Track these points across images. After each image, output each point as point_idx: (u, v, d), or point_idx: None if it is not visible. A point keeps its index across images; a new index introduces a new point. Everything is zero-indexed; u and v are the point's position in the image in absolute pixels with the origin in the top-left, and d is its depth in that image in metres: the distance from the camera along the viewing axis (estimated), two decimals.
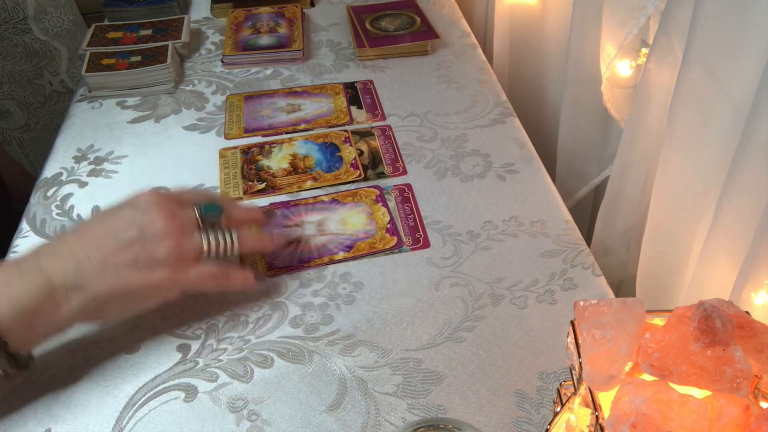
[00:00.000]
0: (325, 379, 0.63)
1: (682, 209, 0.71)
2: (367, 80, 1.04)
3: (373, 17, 1.15)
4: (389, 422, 0.59)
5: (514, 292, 0.70)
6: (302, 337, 0.66)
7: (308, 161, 0.88)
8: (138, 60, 1.02)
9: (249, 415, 0.60)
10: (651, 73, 0.74)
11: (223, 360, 0.65)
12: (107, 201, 0.84)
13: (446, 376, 0.62)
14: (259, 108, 0.99)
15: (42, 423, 0.60)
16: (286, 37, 1.12)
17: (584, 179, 1.06)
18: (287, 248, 0.76)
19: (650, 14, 0.80)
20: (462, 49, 1.10)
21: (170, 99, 1.01)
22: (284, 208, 0.81)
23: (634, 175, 0.84)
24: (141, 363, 0.65)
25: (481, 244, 0.75)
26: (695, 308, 0.40)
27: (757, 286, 0.55)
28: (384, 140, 0.91)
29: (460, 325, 0.67)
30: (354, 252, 0.75)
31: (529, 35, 1.18)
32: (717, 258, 0.63)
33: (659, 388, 0.39)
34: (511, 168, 0.85)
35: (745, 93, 0.59)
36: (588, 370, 0.41)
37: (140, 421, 0.60)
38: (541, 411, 0.59)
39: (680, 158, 0.69)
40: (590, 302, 0.43)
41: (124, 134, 0.95)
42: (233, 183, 0.85)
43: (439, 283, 0.71)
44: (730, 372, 0.38)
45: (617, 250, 0.93)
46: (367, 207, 0.81)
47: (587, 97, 0.96)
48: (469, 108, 0.96)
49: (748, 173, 0.55)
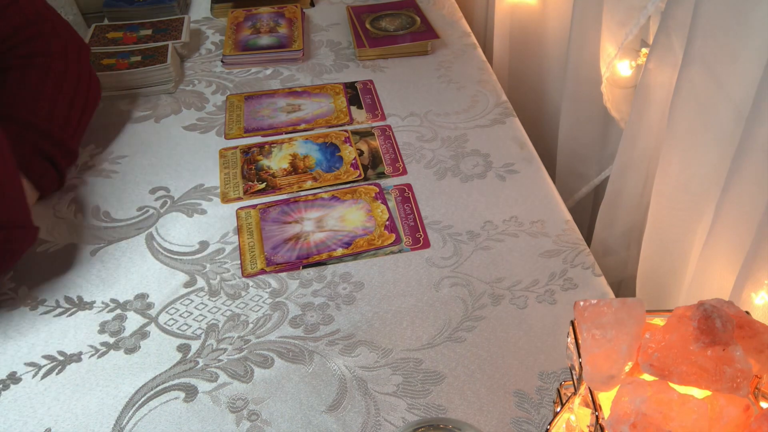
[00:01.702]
0: (325, 379, 0.63)
1: (682, 209, 0.71)
2: (367, 80, 1.04)
3: (373, 17, 1.15)
4: (389, 422, 0.59)
5: (514, 292, 0.70)
6: (302, 337, 0.66)
7: (308, 161, 0.88)
8: (138, 60, 1.02)
9: (249, 415, 0.60)
10: (651, 73, 0.74)
11: (223, 360, 0.65)
12: (107, 201, 0.84)
13: (446, 376, 0.62)
14: (259, 108, 0.99)
15: (42, 423, 0.60)
16: (286, 37, 1.12)
17: (584, 179, 1.06)
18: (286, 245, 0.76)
19: (650, 14, 0.80)
20: (462, 49, 1.10)
21: (170, 99, 1.01)
22: (284, 205, 0.81)
23: (634, 175, 0.84)
24: (141, 363, 0.65)
25: (481, 244, 0.75)
26: (695, 308, 0.40)
27: (757, 286, 0.55)
28: (384, 140, 0.91)
29: (460, 325, 0.67)
30: (353, 248, 0.75)
31: (529, 35, 1.18)
32: (717, 258, 0.63)
33: (659, 388, 0.39)
34: (511, 168, 0.85)
35: (745, 93, 0.59)
36: (588, 370, 0.41)
37: (140, 421, 0.60)
38: (541, 411, 0.59)
39: (680, 158, 0.69)
40: (590, 302, 0.43)
41: (124, 134, 0.95)
42: (233, 183, 0.85)
43: (439, 283, 0.71)
44: (730, 372, 0.38)
45: (617, 250, 0.93)
46: (366, 204, 0.81)
47: (587, 97, 0.96)
48: (469, 108, 0.96)
49: (748, 173, 0.55)
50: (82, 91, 0.88)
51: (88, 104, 0.89)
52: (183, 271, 0.74)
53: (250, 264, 0.74)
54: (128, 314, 0.70)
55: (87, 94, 0.89)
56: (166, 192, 0.84)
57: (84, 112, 0.88)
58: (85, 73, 0.89)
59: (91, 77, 0.91)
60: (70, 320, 0.70)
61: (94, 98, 0.91)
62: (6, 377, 0.64)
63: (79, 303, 0.71)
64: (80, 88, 0.88)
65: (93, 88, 0.91)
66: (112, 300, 0.71)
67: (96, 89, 0.92)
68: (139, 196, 0.84)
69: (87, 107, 0.89)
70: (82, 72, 0.89)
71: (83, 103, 0.88)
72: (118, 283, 0.73)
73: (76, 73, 0.87)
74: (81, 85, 0.88)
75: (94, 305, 0.71)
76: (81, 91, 0.88)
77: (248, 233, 0.78)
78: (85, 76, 0.89)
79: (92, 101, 0.90)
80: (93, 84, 0.91)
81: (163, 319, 0.69)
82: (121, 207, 0.83)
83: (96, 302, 0.71)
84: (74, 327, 0.69)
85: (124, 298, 0.72)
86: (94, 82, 0.91)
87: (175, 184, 0.86)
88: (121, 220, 0.81)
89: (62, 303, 0.71)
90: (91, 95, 0.90)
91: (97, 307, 0.71)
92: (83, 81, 0.88)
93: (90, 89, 0.90)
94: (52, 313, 0.70)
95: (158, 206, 0.82)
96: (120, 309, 0.70)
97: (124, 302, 0.71)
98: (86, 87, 0.89)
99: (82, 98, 0.88)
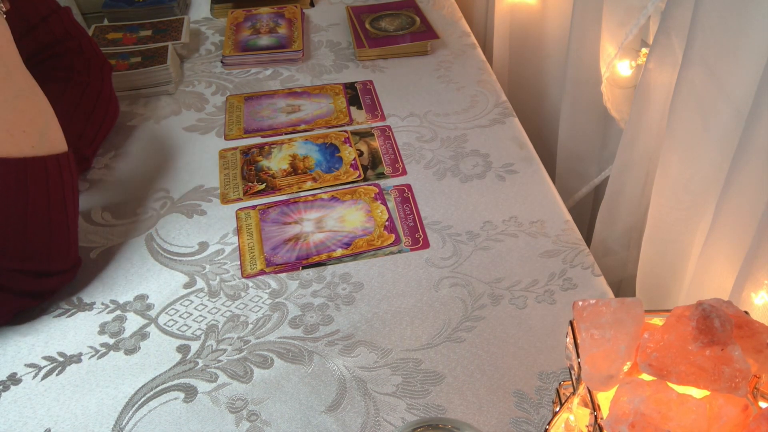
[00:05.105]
0: (324, 379, 0.63)
1: (681, 209, 0.71)
2: (367, 80, 1.04)
3: (373, 17, 1.15)
4: (389, 422, 0.59)
5: (514, 293, 0.70)
6: (302, 338, 0.66)
7: (308, 162, 0.88)
8: (138, 61, 1.03)
9: (249, 415, 0.60)
10: (651, 73, 0.74)
11: (222, 360, 0.65)
12: (107, 202, 0.84)
13: (446, 376, 0.62)
14: (258, 109, 0.99)
15: (42, 423, 0.61)
16: (285, 38, 1.12)
17: (584, 179, 1.06)
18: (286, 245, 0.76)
19: (650, 14, 0.80)
20: (462, 49, 1.10)
21: (170, 100, 1.01)
22: (283, 206, 0.81)
23: (634, 175, 0.84)
24: (141, 363, 0.65)
25: (480, 244, 0.75)
26: (694, 308, 0.40)
27: (757, 286, 0.55)
28: (384, 140, 0.91)
29: (460, 325, 0.67)
30: (352, 249, 0.75)
31: (529, 35, 1.18)
32: (717, 258, 0.63)
33: (658, 387, 0.39)
34: (510, 168, 0.85)
35: (745, 93, 0.59)
36: (587, 370, 0.41)
37: (140, 421, 0.60)
38: (541, 411, 0.59)
39: (680, 158, 0.69)
40: (589, 302, 0.43)
41: (124, 134, 0.95)
42: (233, 184, 0.85)
43: (439, 283, 0.71)
44: (728, 372, 0.38)
45: (617, 250, 0.93)
46: (365, 204, 0.81)
47: (587, 97, 0.96)
48: (468, 108, 0.96)
49: (748, 173, 0.55)
50: (101, 107, 0.89)
51: (106, 121, 0.90)
52: (183, 272, 0.74)
53: (249, 265, 0.74)
54: (128, 315, 0.70)
55: (106, 111, 0.90)
56: (166, 193, 0.84)
57: (101, 127, 0.89)
58: (106, 90, 0.91)
59: (111, 95, 0.92)
60: (70, 321, 0.70)
61: (112, 116, 0.92)
62: (6, 378, 0.65)
63: (78, 304, 0.71)
64: (99, 105, 0.89)
65: (112, 106, 0.92)
66: (111, 301, 0.71)
67: (115, 107, 0.93)
68: (138, 198, 0.84)
69: (105, 123, 0.90)
70: (104, 89, 0.90)
71: (101, 119, 0.88)
72: (118, 284, 0.73)
73: (96, 90, 0.88)
74: (101, 102, 0.89)
75: (94, 306, 0.71)
76: (100, 107, 0.89)
77: (248, 234, 0.78)
78: (106, 94, 0.90)
79: (110, 118, 0.92)
80: (112, 102, 0.92)
81: (162, 319, 0.69)
82: (120, 208, 0.83)
83: (96, 303, 0.71)
84: (74, 328, 0.69)
85: (124, 299, 0.72)
86: (114, 100, 0.93)
87: (175, 185, 0.86)
88: (120, 221, 0.81)
89: (62, 304, 0.71)
90: (110, 112, 0.91)
91: (96, 308, 0.71)
92: (103, 98, 0.89)
93: (109, 107, 0.91)
94: (52, 314, 0.70)
95: (158, 207, 0.82)
96: (120, 310, 0.70)
97: (123, 303, 0.71)
98: (106, 104, 0.90)
99: (101, 114, 0.89)
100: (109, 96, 0.91)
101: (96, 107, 0.88)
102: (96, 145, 0.89)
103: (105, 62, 0.92)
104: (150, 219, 0.81)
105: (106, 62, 0.92)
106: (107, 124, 0.90)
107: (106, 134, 0.91)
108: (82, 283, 0.73)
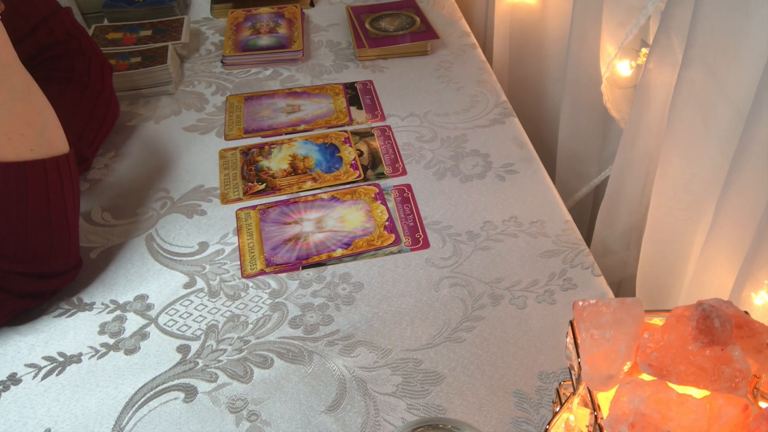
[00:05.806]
0: (324, 379, 0.63)
1: (682, 209, 0.71)
2: (367, 80, 1.04)
3: (373, 17, 1.15)
4: (389, 422, 0.59)
5: (514, 293, 0.70)
6: (302, 338, 0.66)
7: (308, 162, 0.88)
8: (138, 61, 1.03)
9: (249, 415, 0.60)
10: (651, 73, 0.74)
11: (222, 360, 0.65)
12: (107, 202, 0.84)
13: (445, 376, 0.62)
14: (258, 109, 0.99)
15: (42, 423, 0.61)
16: (285, 38, 1.12)
17: (584, 179, 1.06)
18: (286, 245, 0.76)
19: (650, 14, 0.80)
20: (462, 49, 1.10)
21: (170, 100, 1.01)
22: (283, 206, 0.81)
23: (634, 175, 0.84)
24: (141, 363, 0.65)
25: (480, 244, 0.75)
26: (694, 308, 0.40)
27: (757, 286, 0.55)
28: (384, 141, 0.91)
29: (460, 325, 0.67)
30: (352, 249, 0.75)
31: (529, 35, 1.18)
32: (717, 258, 0.63)
33: (658, 387, 0.39)
34: (510, 168, 0.85)
35: (745, 93, 0.59)
36: (587, 370, 0.41)
37: (140, 421, 0.60)
38: (541, 411, 0.59)
39: (680, 158, 0.69)
40: (589, 302, 0.43)
41: (124, 134, 0.95)
42: (233, 184, 0.85)
43: (439, 283, 0.71)
44: (728, 372, 0.38)
45: (617, 250, 0.93)
46: (365, 204, 0.81)
47: (587, 97, 0.96)
48: (468, 108, 0.96)
49: (748, 173, 0.55)
50: (101, 107, 0.89)
51: (106, 121, 0.90)
52: (183, 272, 0.74)
53: (249, 265, 0.74)
54: (128, 315, 0.70)
55: (106, 111, 0.90)
56: (166, 193, 0.84)
57: (101, 128, 0.89)
58: (107, 90, 0.91)
59: (111, 95, 0.91)
60: (70, 321, 0.70)
61: (112, 116, 0.92)
62: (6, 378, 0.65)
63: (78, 304, 0.71)
64: (100, 105, 0.89)
65: (112, 106, 0.92)
66: (111, 301, 0.71)
67: (115, 107, 0.93)
68: (138, 198, 0.84)
69: (105, 124, 0.90)
70: (104, 90, 0.90)
71: (101, 119, 0.88)
72: (118, 285, 0.73)
73: (96, 91, 0.89)
74: (101, 102, 0.89)
75: (94, 306, 0.71)
76: (101, 107, 0.89)
77: (248, 234, 0.78)
78: (106, 94, 0.90)
79: (110, 119, 0.92)
80: (113, 102, 0.92)
81: (162, 320, 0.69)
82: (120, 208, 0.83)
83: (96, 303, 0.71)
84: (74, 328, 0.69)
85: (124, 299, 0.72)
86: (114, 101, 0.93)
87: (175, 185, 0.86)
88: (120, 221, 0.81)
89: (62, 304, 0.71)
90: (110, 112, 0.91)
91: (96, 308, 0.71)
92: (103, 98, 0.89)
93: (109, 107, 0.91)
94: (52, 314, 0.70)
95: (158, 207, 0.82)
96: (120, 310, 0.70)
97: (123, 303, 0.71)
98: (106, 104, 0.90)
99: (101, 115, 0.89)
100: (109, 96, 0.91)
101: (96, 107, 0.88)
102: (96, 145, 0.89)
103: (105, 62, 0.92)
104: (150, 219, 0.81)
105: (106, 62, 0.92)
106: (107, 124, 0.91)
107: (107, 134, 0.91)
108: (82, 283, 0.73)
